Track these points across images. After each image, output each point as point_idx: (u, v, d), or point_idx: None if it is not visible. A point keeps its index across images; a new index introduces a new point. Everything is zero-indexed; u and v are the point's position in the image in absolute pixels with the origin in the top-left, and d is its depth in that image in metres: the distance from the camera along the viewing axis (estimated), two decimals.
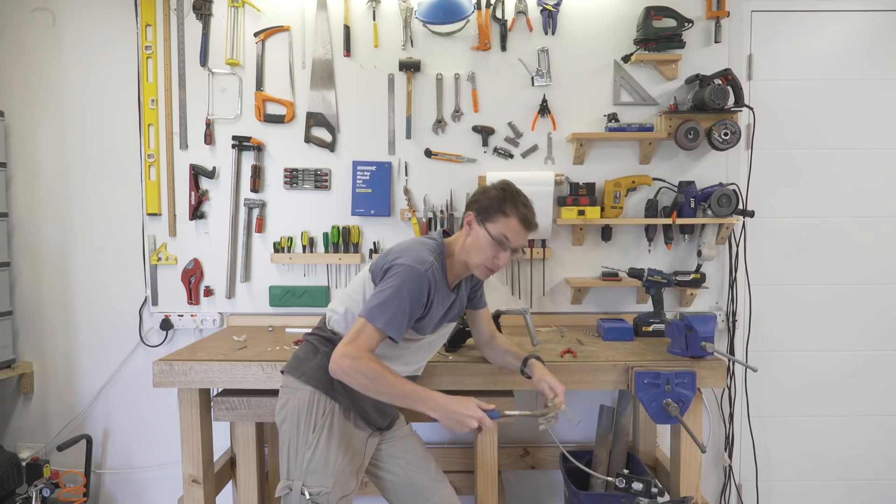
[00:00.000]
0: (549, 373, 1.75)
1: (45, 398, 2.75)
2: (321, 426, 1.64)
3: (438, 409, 1.52)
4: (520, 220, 1.62)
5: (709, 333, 1.97)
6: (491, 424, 1.55)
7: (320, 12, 2.57)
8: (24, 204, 2.70)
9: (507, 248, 1.63)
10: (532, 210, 1.65)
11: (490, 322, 1.96)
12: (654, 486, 1.71)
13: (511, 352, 1.89)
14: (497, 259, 1.63)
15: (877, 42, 2.61)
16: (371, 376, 1.51)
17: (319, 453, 1.63)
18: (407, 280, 1.56)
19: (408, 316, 1.56)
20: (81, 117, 2.66)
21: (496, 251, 1.62)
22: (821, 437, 2.73)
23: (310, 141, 2.60)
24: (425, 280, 1.57)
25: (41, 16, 2.63)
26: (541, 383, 1.73)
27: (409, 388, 1.54)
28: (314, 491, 1.60)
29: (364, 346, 1.53)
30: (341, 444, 1.66)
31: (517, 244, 1.63)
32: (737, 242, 2.61)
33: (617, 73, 2.58)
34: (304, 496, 1.60)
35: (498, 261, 1.64)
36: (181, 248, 2.65)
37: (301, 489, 1.61)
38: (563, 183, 2.58)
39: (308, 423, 1.64)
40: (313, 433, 1.64)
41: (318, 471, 1.62)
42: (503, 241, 1.61)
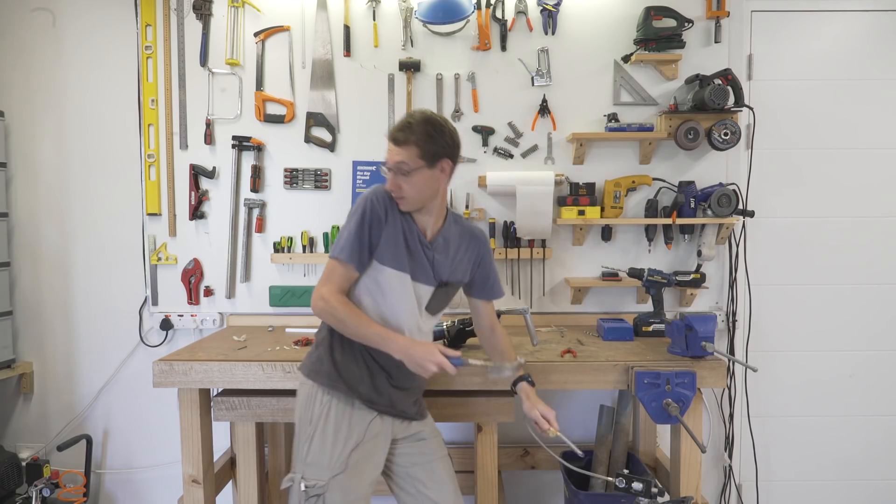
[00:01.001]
0: (539, 400, 1.78)
1: (45, 398, 2.75)
2: (317, 419, 1.65)
3: (400, 351, 1.58)
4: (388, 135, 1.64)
5: (709, 333, 1.97)
6: (452, 370, 1.57)
7: (320, 12, 2.57)
8: (24, 204, 2.70)
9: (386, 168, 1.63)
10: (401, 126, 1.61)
11: (490, 314, 1.91)
12: (654, 486, 1.71)
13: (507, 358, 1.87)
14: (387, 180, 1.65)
15: (877, 42, 2.61)
16: (340, 318, 1.59)
17: (315, 446, 1.64)
18: (354, 207, 1.64)
19: (355, 237, 1.61)
20: (81, 117, 2.66)
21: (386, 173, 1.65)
22: (821, 436, 2.73)
23: (310, 141, 2.60)
24: (367, 200, 1.63)
25: (41, 16, 2.63)
26: (533, 411, 1.76)
27: (375, 329, 1.60)
28: (310, 483, 1.61)
29: (335, 285, 1.62)
30: (338, 436, 1.64)
31: (386, 161, 1.62)
32: (737, 242, 2.61)
33: (617, 73, 2.58)
34: (301, 489, 1.61)
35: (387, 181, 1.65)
36: (181, 248, 2.65)
37: (300, 482, 1.62)
38: (563, 183, 2.58)
39: (306, 416, 1.67)
40: (310, 426, 1.66)
41: (315, 463, 1.63)
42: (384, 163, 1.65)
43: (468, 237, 1.78)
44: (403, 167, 1.59)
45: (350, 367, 1.67)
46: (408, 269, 1.66)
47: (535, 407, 1.76)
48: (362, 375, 1.68)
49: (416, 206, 1.66)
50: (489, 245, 1.84)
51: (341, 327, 1.62)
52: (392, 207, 1.65)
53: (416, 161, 1.59)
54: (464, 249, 1.77)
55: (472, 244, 1.79)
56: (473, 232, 1.81)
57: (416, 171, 1.59)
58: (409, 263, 1.67)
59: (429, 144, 1.59)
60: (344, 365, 1.67)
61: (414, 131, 1.59)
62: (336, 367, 1.67)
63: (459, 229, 1.78)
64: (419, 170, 1.60)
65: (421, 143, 1.58)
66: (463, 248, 1.77)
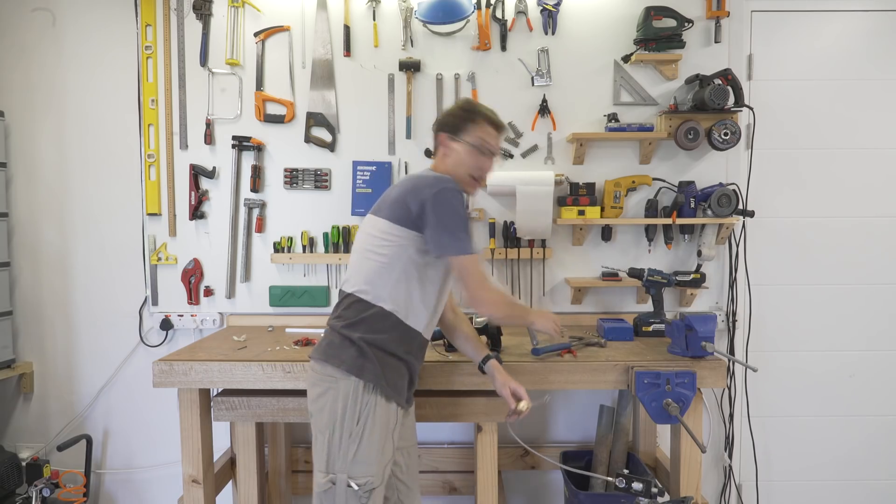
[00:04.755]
0: (510, 377, 1.79)
1: (45, 398, 2.76)
2: (366, 416, 1.59)
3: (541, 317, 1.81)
4: (489, 122, 1.71)
5: (709, 333, 1.97)
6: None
7: (320, 12, 2.57)
8: (24, 204, 2.70)
9: (487, 153, 1.71)
10: (496, 114, 1.76)
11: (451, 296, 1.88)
12: (654, 486, 1.71)
13: (471, 340, 1.89)
14: (480, 166, 1.71)
15: (877, 42, 2.61)
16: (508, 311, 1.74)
17: (365, 444, 1.58)
18: (453, 198, 1.60)
19: (469, 227, 1.64)
20: (81, 117, 2.66)
21: (477, 158, 1.70)
22: (821, 437, 2.73)
23: (310, 141, 2.60)
24: (460, 193, 1.63)
25: (41, 16, 2.63)
26: (504, 389, 1.77)
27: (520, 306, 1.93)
28: (361, 482, 1.56)
29: (487, 279, 1.67)
30: (384, 433, 1.62)
31: (494, 146, 1.72)
32: (737, 242, 2.61)
33: (617, 73, 2.57)
34: (351, 488, 1.56)
35: (481, 168, 1.71)
36: (181, 248, 2.65)
37: (347, 481, 1.56)
38: (563, 183, 2.58)
39: (353, 413, 1.58)
40: (358, 424, 1.58)
41: (365, 461, 1.58)
42: (482, 146, 1.70)
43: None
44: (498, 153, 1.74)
45: (392, 365, 1.63)
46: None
47: (506, 384, 1.77)
48: (401, 371, 1.66)
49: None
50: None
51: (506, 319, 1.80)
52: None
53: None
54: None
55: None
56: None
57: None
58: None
59: None
60: (386, 362, 1.62)
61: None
62: (380, 364, 1.61)
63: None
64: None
65: None
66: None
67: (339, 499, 1.57)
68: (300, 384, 1.96)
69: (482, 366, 1.84)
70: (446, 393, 2.02)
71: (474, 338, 1.90)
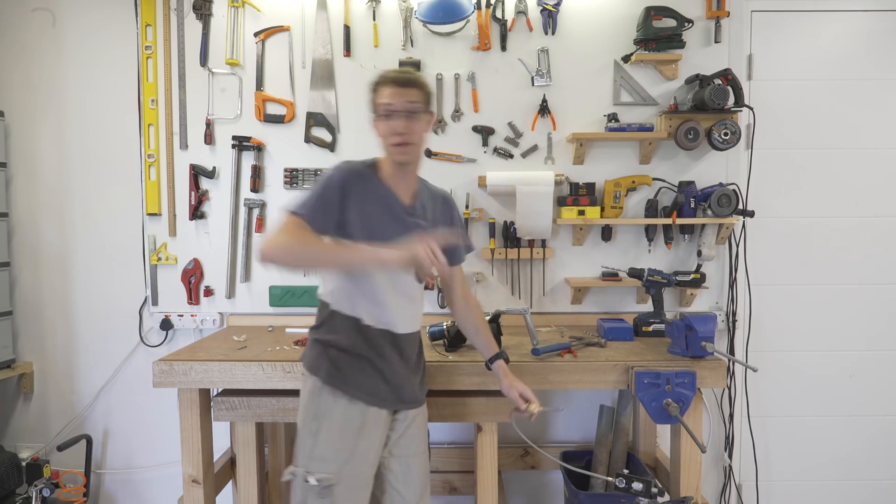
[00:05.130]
0: (517, 379, 1.79)
1: (45, 398, 2.76)
2: (323, 413, 1.61)
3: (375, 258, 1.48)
4: (385, 82, 1.57)
5: (709, 333, 1.97)
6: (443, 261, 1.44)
7: (320, 12, 2.57)
8: (24, 204, 2.70)
9: (385, 114, 1.56)
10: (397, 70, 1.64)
11: (462, 281, 1.86)
12: (654, 486, 1.71)
13: (482, 334, 1.85)
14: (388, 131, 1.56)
15: (877, 42, 2.61)
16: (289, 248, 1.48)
17: (322, 441, 1.60)
18: (322, 176, 1.61)
19: (321, 200, 1.54)
20: (81, 117, 2.66)
21: (383, 125, 1.57)
22: (821, 437, 2.74)
23: (310, 141, 2.60)
24: (337, 171, 1.59)
25: (41, 16, 2.63)
26: (511, 391, 1.77)
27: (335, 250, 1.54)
28: (319, 477, 1.57)
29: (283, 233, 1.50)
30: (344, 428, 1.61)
31: (389, 104, 1.55)
32: (737, 242, 2.61)
33: (617, 73, 2.58)
34: (308, 483, 1.58)
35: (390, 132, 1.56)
36: (181, 248, 2.65)
37: (304, 476, 1.59)
38: (563, 183, 2.58)
39: (310, 410, 1.62)
40: (315, 420, 1.61)
41: (322, 457, 1.59)
42: (378, 111, 1.58)
43: (441, 199, 1.77)
44: (415, 106, 1.56)
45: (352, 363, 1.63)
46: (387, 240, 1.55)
47: (513, 386, 1.77)
48: (366, 370, 1.63)
49: (415, 157, 1.63)
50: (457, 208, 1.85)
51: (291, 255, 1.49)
52: (364, 181, 1.60)
53: (424, 104, 1.58)
54: (440, 213, 1.74)
55: (445, 206, 1.77)
56: (443, 193, 1.80)
57: (422, 115, 1.58)
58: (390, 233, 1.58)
59: (429, 91, 1.61)
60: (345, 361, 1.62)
61: (417, 75, 1.60)
62: (338, 363, 1.62)
63: (431, 192, 1.75)
64: (425, 114, 1.59)
65: (424, 88, 1.59)
66: (439, 212, 1.74)
67: (297, 491, 1.61)
68: (300, 384, 1.96)
69: (489, 364, 1.84)
70: (446, 393, 2.02)
71: (485, 332, 1.86)
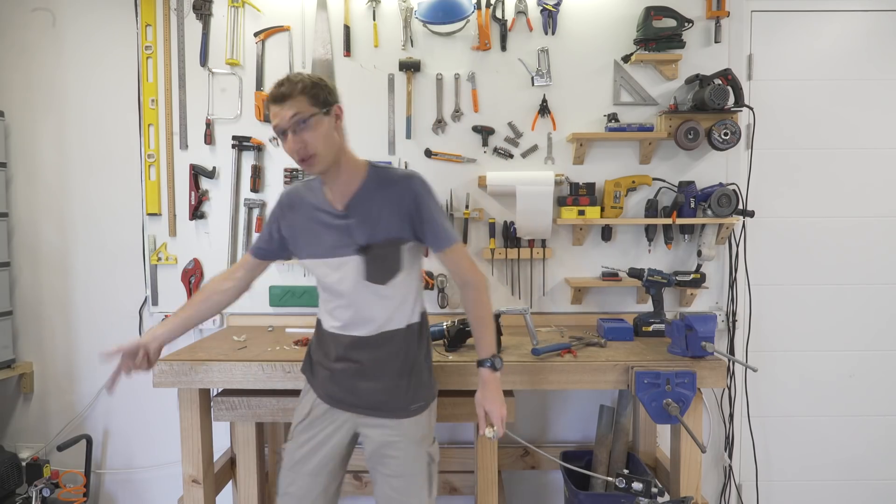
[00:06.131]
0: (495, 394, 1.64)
1: (45, 398, 2.76)
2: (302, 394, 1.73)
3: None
4: (268, 103, 1.51)
5: (709, 333, 1.97)
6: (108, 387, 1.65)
7: (320, 12, 2.57)
8: (24, 204, 2.70)
9: (282, 133, 1.49)
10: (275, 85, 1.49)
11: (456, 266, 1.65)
12: (654, 486, 1.71)
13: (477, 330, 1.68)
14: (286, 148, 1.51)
15: (877, 42, 2.61)
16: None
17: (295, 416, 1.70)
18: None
19: (266, 232, 1.70)
20: (81, 117, 2.66)
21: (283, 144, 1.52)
22: (821, 437, 2.73)
23: None
24: (276, 202, 1.70)
25: (41, 16, 2.63)
26: (479, 407, 1.66)
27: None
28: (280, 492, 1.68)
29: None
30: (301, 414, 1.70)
31: (280, 123, 1.48)
32: (737, 242, 2.61)
33: (617, 73, 2.57)
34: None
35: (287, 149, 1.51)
36: (181, 248, 2.65)
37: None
38: (563, 183, 2.58)
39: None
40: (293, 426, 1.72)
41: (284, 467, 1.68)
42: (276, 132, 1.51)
43: (392, 187, 1.58)
44: (300, 118, 1.46)
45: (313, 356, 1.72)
46: (324, 251, 1.58)
47: (483, 401, 1.64)
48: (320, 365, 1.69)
49: (329, 163, 1.53)
50: (423, 189, 1.58)
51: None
52: (298, 200, 1.64)
53: (310, 108, 1.47)
54: (388, 203, 1.57)
55: (398, 193, 1.57)
56: (399, 180, 1.59)
57: (314, 119, 1.47)
58: (324, 243, 1.58)
59: (315, 90, 1.49)
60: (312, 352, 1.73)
61: (294, 83, 1.48)
62: (309, 355, 1.74)
63: (383, 182, 1.59)
64: (317, 117, 1.48)
65: (307, 90, 1.48)
66: (387, 202, 1.57)
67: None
68: (300, 384, 1.96)
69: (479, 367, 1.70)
70: (446, 393, 2.02)
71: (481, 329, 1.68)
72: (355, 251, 1.56)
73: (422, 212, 1.57)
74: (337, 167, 1.56)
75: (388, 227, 1.56)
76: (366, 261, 1.56)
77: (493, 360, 1.65)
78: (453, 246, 1.61)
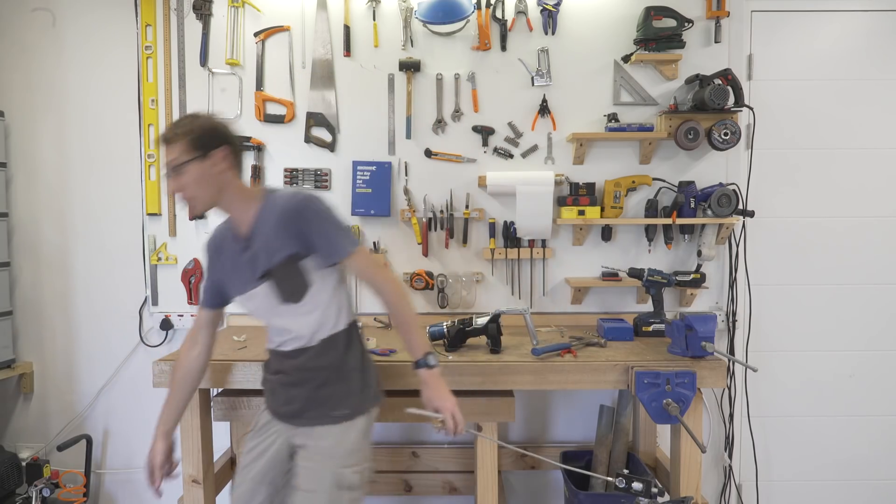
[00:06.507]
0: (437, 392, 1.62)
1: (45, 398, 2.75)
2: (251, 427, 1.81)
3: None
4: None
5: (709, 333, 1.97)
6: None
7: (320, 12, 2.57)
8: (24, 204, 2.70)
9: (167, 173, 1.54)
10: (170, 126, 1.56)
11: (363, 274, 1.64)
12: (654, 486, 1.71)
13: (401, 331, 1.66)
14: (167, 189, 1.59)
15: (877, 42, 2.61)
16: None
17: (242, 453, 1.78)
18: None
19: (207, 282, 1.76)
20: (81, 117, 2.66)
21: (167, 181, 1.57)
22: (821, 437, 2.73)
23: (310, 141, 2.60)
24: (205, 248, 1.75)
25: (41, 16, 2.63)
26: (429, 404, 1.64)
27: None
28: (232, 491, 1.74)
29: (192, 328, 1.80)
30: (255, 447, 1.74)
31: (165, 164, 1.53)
32: (737, 242, 2.61)
33: (617, 73, 2.57)
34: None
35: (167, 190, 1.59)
36: (181, 248, 2.65)
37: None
38: (563, 183, 2.58)
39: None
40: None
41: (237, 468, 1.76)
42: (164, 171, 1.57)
43: (282, 209, 1.57)
44: (175, 163, 1.50)
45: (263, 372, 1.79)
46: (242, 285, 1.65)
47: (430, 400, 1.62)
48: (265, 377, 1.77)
49: (209, 205, 1.57)
50: (308, 204, 1.57)
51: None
52: (218, 241, 1.71)
53: (187, 154, 1.50)
54: (279, 225, 1.57)
55: (286, 213, 1.56)
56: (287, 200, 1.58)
57: (190, 165, 1.50)
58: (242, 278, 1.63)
59: (196, 134, 1.51)
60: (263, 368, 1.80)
61: (179, 125, 1.53)
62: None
63: (275, 207, 1.58)
64: (193, 162, 1.50)
65: (188, 134, 1.50)
66: (278, 225, 1.57)
67: None
68: None
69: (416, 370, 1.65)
70: None
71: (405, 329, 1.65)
72: (262, 279, 1.61)
73: (310, 226, 1.57)
74: (227, 205, 1.60)
75: (282, 248, 1.57)
76: (274, 284, 1.60)
77: (427, 359, 1.63)
78: (351, 255, 1.60)
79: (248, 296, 1.64)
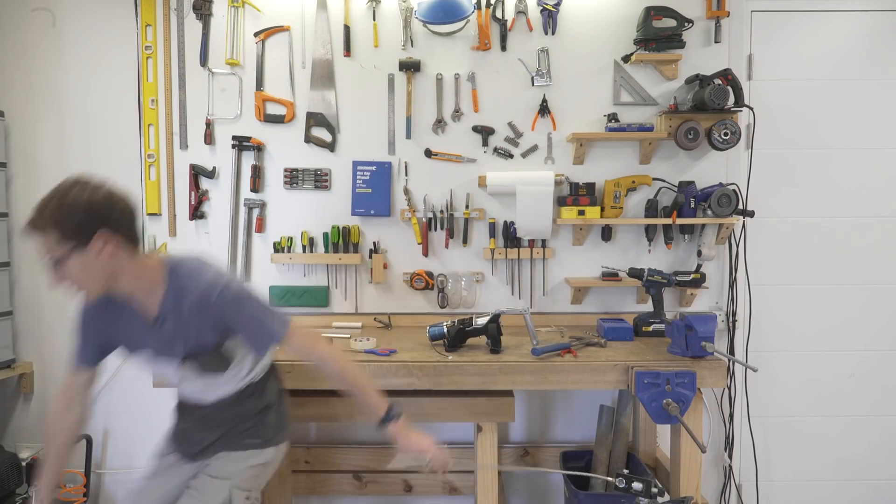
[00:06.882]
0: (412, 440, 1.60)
1: (45, 398, 2.75)
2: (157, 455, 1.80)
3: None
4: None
5: (709, 333, 1.97)
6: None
7: (320, 12, 2.57)
8: (24, 204, 2.69)
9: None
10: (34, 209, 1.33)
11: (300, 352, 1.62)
12: (654, 486, 1.71)
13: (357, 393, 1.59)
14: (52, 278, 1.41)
15: (877, 42, 2.61)
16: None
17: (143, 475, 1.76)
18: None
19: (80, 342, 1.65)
20: (82, 117, 2.65)
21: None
22: (821, 437, 2.73)
23: (310, 141, 2.60)
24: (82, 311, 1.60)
25: (41, 16, 2.63)
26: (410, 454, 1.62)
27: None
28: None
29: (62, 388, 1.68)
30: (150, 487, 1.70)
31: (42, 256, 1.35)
32: (737, 242, 2.61)
33: (617, 73, 2.57)
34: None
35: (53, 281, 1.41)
36: (181, 248, 2.64)
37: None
38: (563, 183, 2.58)
39: None
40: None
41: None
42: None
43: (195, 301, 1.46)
44: (52, 257, 1.32)
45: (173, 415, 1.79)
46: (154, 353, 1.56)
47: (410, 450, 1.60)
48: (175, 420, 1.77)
49: (101, 289, 1.42)
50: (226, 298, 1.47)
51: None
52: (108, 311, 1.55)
53: (62, 245, 1.31)
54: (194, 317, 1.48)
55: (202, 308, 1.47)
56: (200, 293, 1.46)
57: (69, 257, 1.32)
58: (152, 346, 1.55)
59: (67, 221, 1.30)
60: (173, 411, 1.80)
61: (46, 209, 1.30)
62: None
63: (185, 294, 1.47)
64: (72, 253, 1.31)
65: (57, 224, 1.29)
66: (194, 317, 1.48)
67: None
68: (300, 384, 1.97)
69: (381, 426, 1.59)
70: (446, 393, 2.02)
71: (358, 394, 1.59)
72: (181, 359, 1.55)
73: (231, 317, 1.49)
74: (125, 287, 1.45)
75: (204, 338, 1.50)
76: (195, 362, 1.55)
77: (391, 413, 1.58)
78: (283, 339, 1.53)
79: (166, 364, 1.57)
